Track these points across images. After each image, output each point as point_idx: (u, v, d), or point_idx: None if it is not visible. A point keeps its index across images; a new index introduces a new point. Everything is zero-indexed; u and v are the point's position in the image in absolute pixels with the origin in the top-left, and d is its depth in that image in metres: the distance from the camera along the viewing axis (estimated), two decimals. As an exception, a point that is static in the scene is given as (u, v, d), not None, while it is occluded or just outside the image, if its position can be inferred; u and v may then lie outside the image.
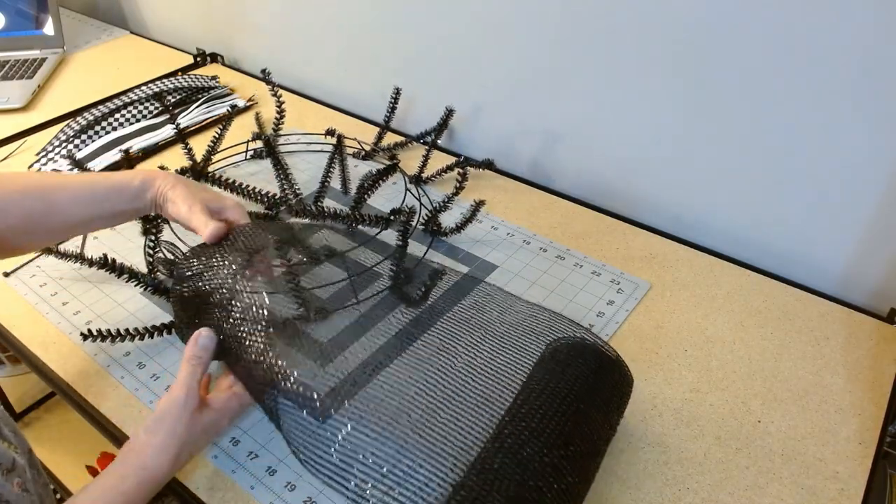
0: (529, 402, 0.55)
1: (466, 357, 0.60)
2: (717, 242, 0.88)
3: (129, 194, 0.67)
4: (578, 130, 0.95)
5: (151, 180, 0.68)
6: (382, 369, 0.58)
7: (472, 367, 0.59)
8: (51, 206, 0.65)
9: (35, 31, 1.37)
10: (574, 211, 0.94)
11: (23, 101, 1.20)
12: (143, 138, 1.07)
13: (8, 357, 1.33)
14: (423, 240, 0.88)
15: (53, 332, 0.77)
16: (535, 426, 0.52)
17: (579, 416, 0.54)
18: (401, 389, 0.56)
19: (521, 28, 0.92)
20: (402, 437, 0.52)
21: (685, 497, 0.60)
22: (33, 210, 0.65)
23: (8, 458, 0.55)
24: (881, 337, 0.74)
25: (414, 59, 1.07)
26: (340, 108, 1.20)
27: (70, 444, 1.34)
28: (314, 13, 1.16)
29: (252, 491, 0.61)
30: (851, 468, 0.62)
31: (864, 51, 0.68)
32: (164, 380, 0.71)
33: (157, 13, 1.49)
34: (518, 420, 0.53)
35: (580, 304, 0.79)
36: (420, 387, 0.56)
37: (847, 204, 0.77)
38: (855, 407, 0.67)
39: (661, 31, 0.80)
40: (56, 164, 1.01)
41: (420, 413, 0.54)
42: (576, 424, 0.54)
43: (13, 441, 0.58)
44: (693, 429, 0.65)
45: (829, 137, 0.74)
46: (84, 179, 0.68)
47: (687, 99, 0.82)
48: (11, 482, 0.55)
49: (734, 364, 0.72)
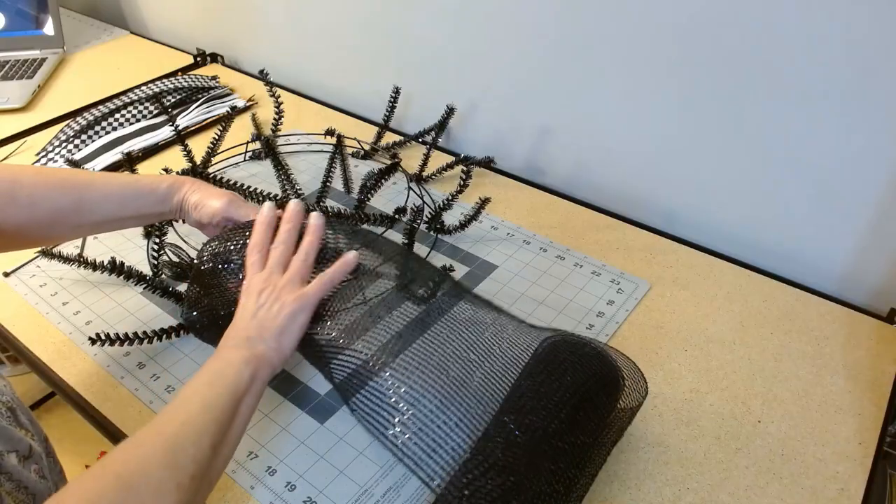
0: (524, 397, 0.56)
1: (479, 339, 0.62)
2: (717, 242, 0.88)
3: (156, 197, 0.68)
4: (576, 129, 0.95)
5: (179, 185, 0.69)
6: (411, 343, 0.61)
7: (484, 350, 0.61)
8: (80, 203, 0.66)
9: (35, 31, 1.37)
10: (574, 211, 0.94)
11: (23, 101, 1.20)
12: (143, 138, 1.07)
13: (8, 357, 1.33)
14: (425, 239, 0.88)
15: (53, 332, 0.77)
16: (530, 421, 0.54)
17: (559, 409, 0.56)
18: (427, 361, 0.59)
19: (517, 27, 0.92)
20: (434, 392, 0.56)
21: (685, 497, 0.60)
22: (63, 206, 0.65)
23: (25, 446, 0.56)
24: (881, 337, 0.74)
25: (411, 58, 1.07)
26: (339, 107, 1.20)
27: (70, 444, 1.34)
28: (314, 14, 1.16)
29: (252, 491, 0.61)
30: (851, 468, 0.62)
31: (865, 50, 0.68)
32: (164, 380, 0.71)
33: (157, 13, 1.49)
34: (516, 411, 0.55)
35: (580, 304, 0.79)
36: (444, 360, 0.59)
37: (847, 204, 0.77)
38: (855, 407, 0.67)
39: (660, 30, 0.80)
40: (56, 165, 1.01)
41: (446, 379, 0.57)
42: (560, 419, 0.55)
43: (30, 429, 0.59)
44: (693, 429, 0.65)
45: (828, 137, 0.74)
46: (114, 180, 0.69)
47: (687, 99, 0.82)
48: (29, 469, 0.55)
49: (734, 364, 0.72)
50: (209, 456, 0.49)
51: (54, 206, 0.65)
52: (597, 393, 0.58)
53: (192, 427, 0.49)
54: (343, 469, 0.62)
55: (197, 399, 0.51)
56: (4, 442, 0.54)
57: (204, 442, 0.49)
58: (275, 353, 0.57)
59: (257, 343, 0.57)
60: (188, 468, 0.47)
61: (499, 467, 0.51)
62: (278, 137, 1.04)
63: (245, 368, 0.54)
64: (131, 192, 0.68)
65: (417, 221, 0.77)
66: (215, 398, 0.52)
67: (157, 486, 0.45)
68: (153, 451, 0.47)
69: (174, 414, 0.50)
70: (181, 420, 0.49)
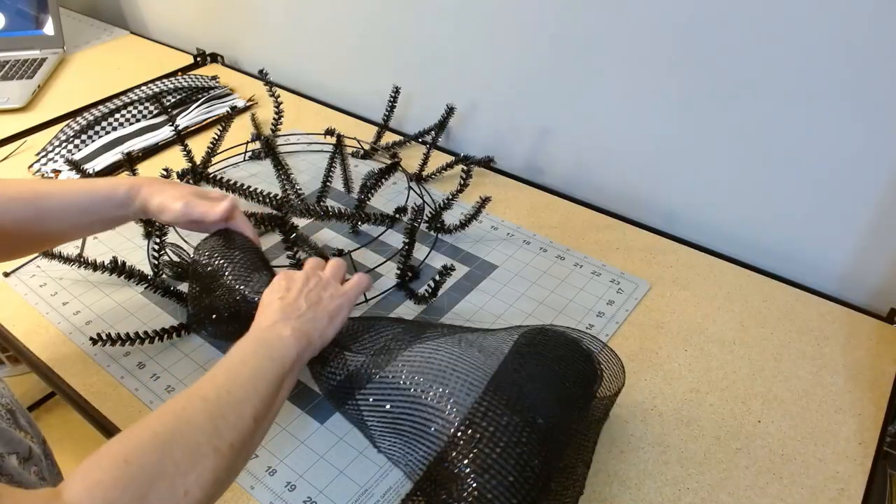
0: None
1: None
2: (717, 242, 0.88)
3: (115, 203, 0.68)
4: (576, 129, 0.95)
5: (137, 188, 0.69)
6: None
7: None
8: (40, 212, 0.66)
9: (35, 31, 1.37)
10: (574, 211, 0.94)
11: (23, 101, 1.20)
12: (143, 138, 1.07)
13: (8, 357, 1.33)
14: (425, 239, 0.88)
15: (53, 332, 0.77)
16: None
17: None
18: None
19: (517, 27, 0.91)
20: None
21: (685, 497, 0.60)
22: (23, 217, 0.66)
23: (25, 447, 0.56)
24: (881, 337, 0.74)
25: (411, 58, 1.07)
26: (339, 107, 1.20)
27: (70, 444, 1.34)
28: (314, 14, 1.16)
29: (252, 491, 0.61)
30: (851, 468, 0.62)
31: (865, 50, 0.68)
32: (164, 380, 0.71)
33: (157, 13, 1.49)
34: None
35: (580, 304, 0.79)
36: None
37: (847, 204, 0.77)
38: (855, 407, 0.67)
39: (660, 30, 0.80)
40: (56, 164, 1.01)
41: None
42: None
43: (29, 431, 0.59)
44: (693, 429, 0.65)
45: (829, 137, 0.74)
46: (72, 187, 0.69)
47: (687, 99, 0.82)
48: (29, 470, 0.55)
49: (734, 364, 0.72)
50: (251, 426, 0.49)
51: (14, 217, 0.65)
52: (568, 375, 0.59)
53: (236, 395, 0.49)
54: (343, 469, 0.62)
55: (245, 368, 0.52)
56: (5, 444, 0.54)
57: (247, 411, 0.49)
58: (319, 338, 0.58)
59: (308, 322, 0.57)
60: (228, 436, 0.47)
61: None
62: (278, 137, 1.04)
63: (295, 344, 0.55)
64: (88, 200, 0.68)
65: (418, 221, 0.77)
66: (263, 370, 0.52)
67: (194, 449, 0.45)
68: (194, 414, 0.47)
69: (222, 378, 0.50)
70: (227, 387, 0.49)
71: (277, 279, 0.63)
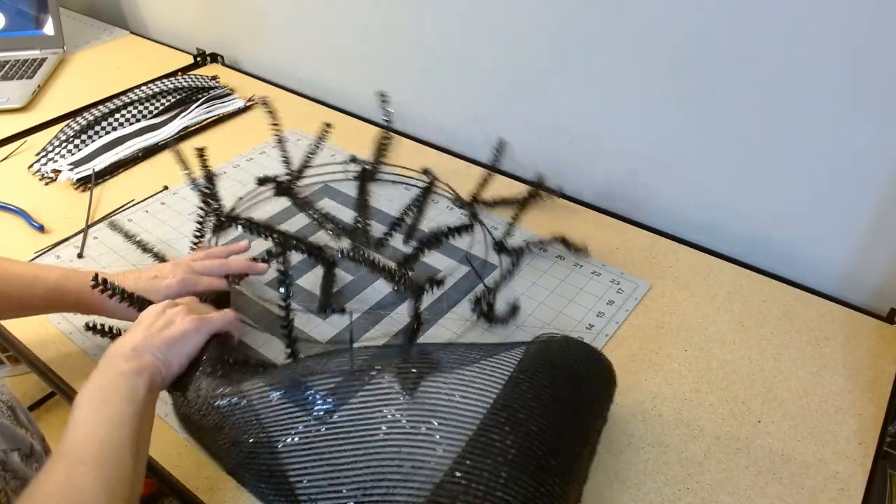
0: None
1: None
2: (717, 242, 0.88)
3: (68, 303, 0.69)
4: (576, 129, 0.95)
5: (88, 297, 0.67)
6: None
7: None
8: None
9: (35, 31, 1.37)
10: (574, 211, 0.94)
11: (23, 101, 1.20)
12: (143, 138, 1.07)
13: (8, 357, 1.33)
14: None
15: (53, 332, 0.77)
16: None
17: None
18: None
19: (517, 27, 0.91)
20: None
21: (685, 497, 0.60)
22: None
23: (27, 444, 0.56)
24: (881, 337, 0.74)
25: (410, 58, 1.07)
26: (339, 107, 1.20)
27: (70, 444, 1.33)
28: (314, 14, 1.16)
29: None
30: (851, 468, 0.62)
31: (865, 50, 0.68)
32: (164, 380, 0.71)
33: (157, 13, 1.49)
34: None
35: (580, 304, 0.79)
36: None
37: (847, 203, 0.77)
38: (855, 407, 0.67)
39: (661, 30, 0.80)
40: (56, 164, 1.01)
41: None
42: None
43: (29, 428, 0.59)
44: (693, 429, 0.65)
45: (829, 137, 0.74)
46: (29, 273, 0.68)
47: (687, 99, 0.82)
48: (31, 467, 0.56)
49: (734, 364, 0.72)
50: (132, 468, 0.50)
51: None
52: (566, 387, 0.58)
53: (110, 449, 0.50)
54: (343, 469, 0.62)
55: (102, 419, 0.51)
56: (7, 440, 0.54)
57: (125, 458, 0.50)
58: (161, 364, 0.58)
59: (143, 353, 0.57)
60: (119, 489, 0.48)
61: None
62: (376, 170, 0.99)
63: (137, 378, 0.55)
64: (42, 292, 0.67)
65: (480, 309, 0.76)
66: (118, 414, 0.52)
67: None
68: (81, 481, 0.47)
69: (87, 439, 0.50)
70: (97, 446, 0.49)
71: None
